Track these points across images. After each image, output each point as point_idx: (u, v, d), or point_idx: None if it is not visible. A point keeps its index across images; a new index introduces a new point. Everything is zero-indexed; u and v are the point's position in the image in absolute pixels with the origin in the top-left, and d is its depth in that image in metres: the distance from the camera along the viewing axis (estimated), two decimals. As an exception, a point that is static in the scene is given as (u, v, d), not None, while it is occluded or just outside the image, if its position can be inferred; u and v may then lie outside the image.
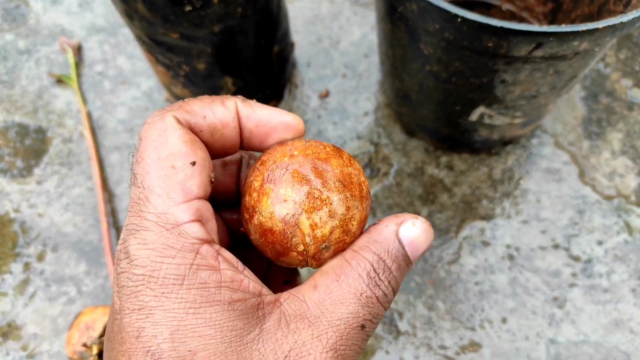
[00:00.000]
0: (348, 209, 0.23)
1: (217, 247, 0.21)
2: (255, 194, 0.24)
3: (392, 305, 0.48)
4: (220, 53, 0.47)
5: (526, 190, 0.53)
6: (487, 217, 0.51)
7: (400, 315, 0.48)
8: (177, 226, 0.20)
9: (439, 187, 0.53)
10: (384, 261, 0.23)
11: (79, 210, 0.54)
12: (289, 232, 0.23)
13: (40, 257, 0.52)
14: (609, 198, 0.52)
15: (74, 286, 0.51)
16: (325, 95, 0.59)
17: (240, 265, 0.22)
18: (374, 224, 0.25)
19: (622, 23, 0.33)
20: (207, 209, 0.22)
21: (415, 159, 0.55)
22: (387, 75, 0.53)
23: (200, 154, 0.22)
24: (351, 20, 0.64)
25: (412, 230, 0.24)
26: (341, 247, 0.24)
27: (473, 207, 0.52)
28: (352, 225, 0.24)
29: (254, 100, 0.26)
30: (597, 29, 0.33)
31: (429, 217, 0.52)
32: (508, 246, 0.50)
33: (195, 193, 0.21)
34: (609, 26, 0.33)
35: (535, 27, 0.33)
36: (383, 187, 0.54)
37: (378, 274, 0.22)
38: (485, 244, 0.50)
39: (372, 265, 0.22)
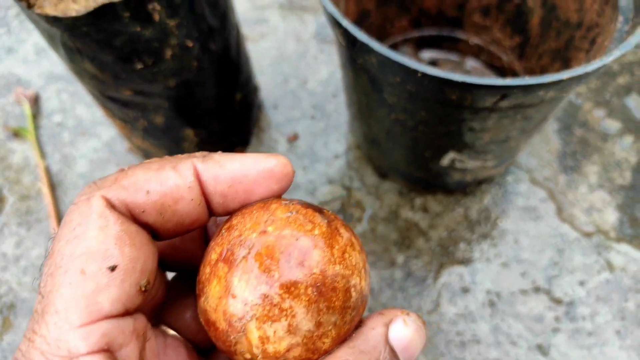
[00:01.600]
0: (319, 325, 0.18)
1: None
2: (207, 270, 0.19)
3: (371, 361, 0.46)
4: (179, 106, 0.45)
5: (504, 231, 0.51)
6: (466, 261, 0.50)
7: (380, 371, 0.45)
8: None
9: (415, 231, 0.51)
10: None
11: (39, 273, 0.51)
12: (232, 337, 0.18)
13: (-4, 328, 0.49)
14: (588, 235, 0.50)
15: (33, 356, 0.47)
16: (294, 139, 0.57)
17: None
18: (357, 327, 0.20)
19: (587, 73, 0.32)
20: (122, 330, 0.17)
21: (389, 202, 0.53)
22: (354, 118, 0.51)
23: (129, 254, 0.17)
24: (318, 59, 0.63)
25: (404, 332, 0.19)
26: None
27: (450, 251, 0.50)
28: (324, 342, 0.18)
29: (219, 153, 0.20)
30: (562, 80, 0.32)
31: (405, 264, 0.50)
32: (488, 291, 0.48)
33: (106, 311, 0.16)
34: (574, 77, 0.32)
35: (499, 81, 0.32)
36: (357, 233, 0.51)
37: None
38: (465, 290, 0.48)
39: None
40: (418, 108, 0.39)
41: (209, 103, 0.47)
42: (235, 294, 0.18)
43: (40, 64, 0.64)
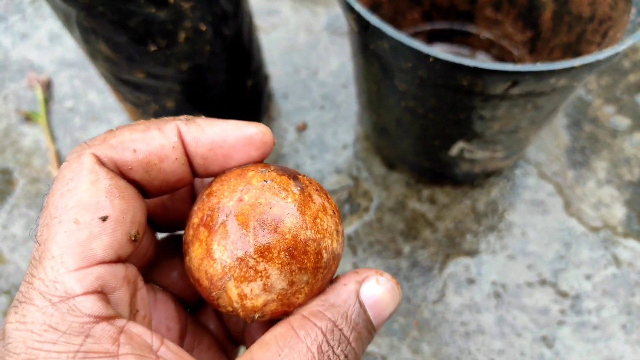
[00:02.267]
0: (292, 283, 0.19)
1: (123, 322, 0.17)
2: (191, 232, 0.20)
3: (376, 349, 0.46)
4: (190, 91, 0.46)
5: (511, 223, 0.51)
6: (472, 253, 0.50)
7: (384, 359, 0.46)
8: (66, 300, 0.16)
9: (422, 221, 0.51)
10: (340, 330, 0.19)
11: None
12: (214, 293, 0.20)
13: (4, 306, 0.49)
14: (595, 230, 0.50)
15: (40, 336, 0.48)
16: (303, 128, 0.57)
17: (156, 342, 0.17)
18: (332, 282, 0.21)
19: (598, 61, 0.32)
20: (115, 275, 0.18)
21: (396, 192, 0.53)
22: (364, 108, 0.51)
23: (119, 206, 0.18)
24: (329, 50, 0.63)
25: (375, 289, 0.20)
26: (282, 313, 0.20)
27: (457, 243, 0.50)
28: (298, 298, 0.20)
29: (202, 117, 0.21)
30: (573, 67, 0.32)
31: (412, 254, 0.50)
32: (494, 283, 0.48)
33: (99, 257, 0.17)
34: (585, 64, 0.32)
35: (510, 67, 0.32)
36: (363, 223, 0.52)
37: (332, 347, 0.18)
38: (471, 281, 0.48)
39: (325, 336, 0.18)
40: (429, 95, 0.39)
41: (220, 89, 0.48)
42: (215, 257, 0.19)
43: (54, 50, 0.64)
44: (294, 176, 0.21)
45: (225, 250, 0.19)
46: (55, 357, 0.16)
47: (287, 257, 0.19)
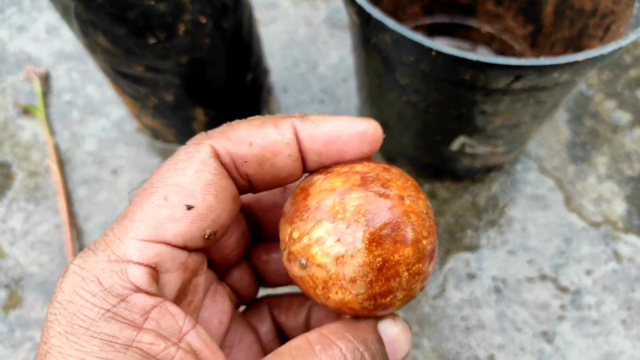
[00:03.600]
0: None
1: (158, 301, 0.17)
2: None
3: (375, 344, 0.46)
4: (189, 84, 0.45)
5: (511, 219, 0.51)
6: (472, 248, 0.50)
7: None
8: (121, 262, 0.17)
9: (422, 216, 0.51)
10: (361, 353, 0.18)
11: (46, 249, 0.51)
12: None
13: (3, 301, 0.49)
14: (595, 225, 0.50)
15: (40, 331, 0.48)
16: (302, 122, 0.57)
17: (187, 325, 0.18)
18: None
19: (602, 55, 0.31)
20: (173, 257, 0.18)
21: (396, 187, 0.53)
22: (365, 102, 0.51)
23: (209, 202, 0.19)
24: (329, 44, 0.63)
25: (393, 327, 0.20)
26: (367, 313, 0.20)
27: (457, 238, 0.50)
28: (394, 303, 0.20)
29: (316, 114, 0.21)
30: (577, 62, 0.32)
31: (412, 249, 0.50)
32: (494, 278, 0.48)
33: (168, 238, 0.18)
34: (588, 58, 0.31)
35: (513, 61, 0.31)
36: (364, 217, 0.52)
37: None
38: (471, 276, 0.48)
39: (345, 356, 0.18)
40: (430, 89, 0.38)
41: (220, 82, 0.47)
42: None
43: (51, 42, 0.64)
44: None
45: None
46: (89, 308, 0.16)
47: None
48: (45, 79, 0.61)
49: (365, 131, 0.20)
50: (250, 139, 0.19)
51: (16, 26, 0.65)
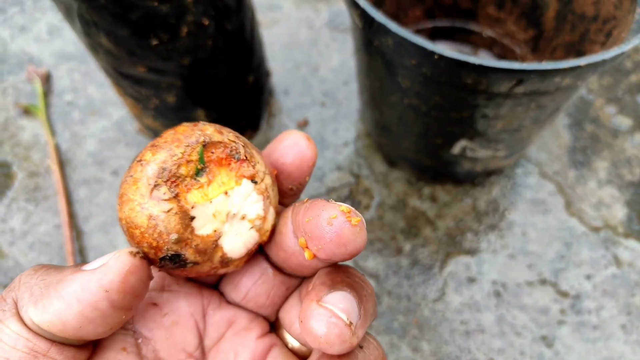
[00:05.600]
0: None
1: None
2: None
3: (375, 347, 0.46)
4: (191, 86, 0.45)
5: (512, 223, 0.51)
6: (472, 252, 0.50)
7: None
8: None
9: (422, 220, 0.51)
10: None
11: (45, 249, 0.51)
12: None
13: (2, 301, 0.49)
14: (596, 230, 0.50)
15: (38, 331, 0.48)
16: (303, 125, 0.57)
17: None
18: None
19: (603, 60, 0.31)
20: None
21: (397, 190, 0.53)
22: (366, 105, 0.51)
23: None
24: (330, 47, 0.63)
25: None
26: None
27: (457, 241, 0.50)
28: None
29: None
30: (579, 66, 0.32)
31: (412, 252, 0.50)
32: (494, 282, 0.48)
33: None
34: (590, 64, 0.31)
35: (515, 65, 0.32)
36: (365, 220, 0.51)
37: None
38: (471, 280, 0.48)
39: None
40: (432, 93, 0.38)
41: (221, 84, 0.47)
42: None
43: (53, 43, 0.64)
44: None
45: None
46: None
47: None
48: (47, 79, 0.61)
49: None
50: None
51: (18, 26, 0.66)
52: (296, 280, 0.24)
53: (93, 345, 0.20)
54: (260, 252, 0.24)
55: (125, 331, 0.21)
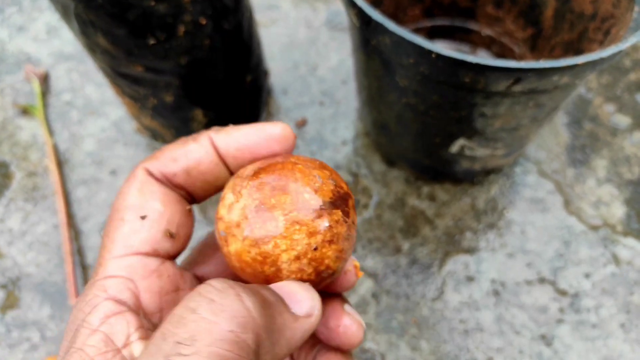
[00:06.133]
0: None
1: (123, 309, 0.20)
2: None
3: (374, 347, 0.46)
4: (189, 85, 0.45)
5: (510, 221, 0.51)
6: (471, 251, 0.50)
7: (383, 357, 0.45)
8: (102, 279, 0.21)
9: (421, 219, 0.51)
10: (236, 291, 0.19)
11: (43, 249, 0.51)
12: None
13: (1, 301, 0.49)
14: (594, 228, 0.50)
15: (37, 331, 0.48)
16: (302, 124, 0.57)
17: (137, 340, 0.19)
18: None
19: (601, 59, 0.31)
20: (145, 265, 0.21)
21: (395, 189, 0.53)
22: (364, 105, 0.51)
23: (158, 208, 0.22)
24: (329, 46, 0.63)
25: (284, 283, 0.22)
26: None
27: (456, 240, 0.50)
28: None
29: (230, 126, 0.24)
30: (577, 65, 0.31)
31: (411, 251, 0.49)
32: (493, 281, 0.48)
33: (136, 248, 0.21)
34: (589, 62, 0.31)
35: (513, 64, 0.31)
36: (363, 220, 0.51)
37: None
38: (470, 279, 0.48)
39: (214, 286, 0.19)
40: (430, 92, 0.38)
41: (219, 83, 0.47)
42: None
43: (51, 43, 0.64)
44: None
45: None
46: (73, 320, 0.20)
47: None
48: (45, 79, 0.61)
49: (271, 133, 0.23)
50: (174, 155, 0.23)
51: (16, 26, 0.65)
52: None
53: None
54: None
55: None
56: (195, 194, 0.24)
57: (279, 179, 0.21)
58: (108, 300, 0.20)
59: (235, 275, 0.23)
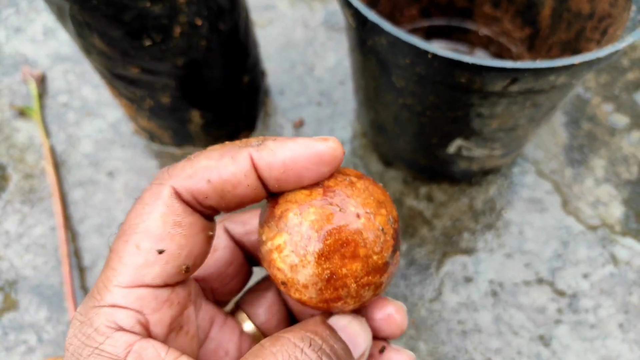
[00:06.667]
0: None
1: (139, 338, 0.19)
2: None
3: (372, 348, 0.46)
4: (185, 86, 0.45)
5: (508, 222, 0.51)
6: (469, 251, 0.49)
7: (380, 358, 0.45)
8: (108, 307, 0.19)
9: (419, 219, 0.51)
10: (310, 339, 0.20)
11: (40, 251, 0.51)
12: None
13: (-3, 304, 0.49)
14: (593, 228, 0.50)
15: (34, 334, 0.47)
16: (299, 125, 0.57)
17: (170, 357, 0.19)
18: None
19: (598, 58, 0.31)
20: (156, 297, 0.20)
21: (393, 190, 0.53)
22: (361, 105, 0.51)
23: (178, 242, 0.20)
24: (326, 46, 0.62)
25: (341, 320, 0.22)
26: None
27: (454, 241, 0.50)
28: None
29: (273, 139, 0.21)
30: (573, 65, 0.31)
31: (409, 252, 0.49)
32: (491, 281, 0.48)
33: (148, 281, 0.19)
34: (585, 62, 0.31)
35: (509, 64, 0.31)
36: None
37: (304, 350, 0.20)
38: (468, 279, 0.48)
39: (295, 344, 0.19)
40: (427, 92, 0.38)
41: (216, 84, 0.47)
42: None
43: (48, 44, 0.64)
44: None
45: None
46: (82, 347, 0.18)
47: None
48: (42, 81, 0.60)
49: (322, 153, 0.21)
50: (209, 174, 0.20)
51: (13, 27, 0.65)
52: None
53: None
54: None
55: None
56: (223, 210, 0.22)
57: (347, 244, 0.20)
58: (119, 332, 0.19)
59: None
